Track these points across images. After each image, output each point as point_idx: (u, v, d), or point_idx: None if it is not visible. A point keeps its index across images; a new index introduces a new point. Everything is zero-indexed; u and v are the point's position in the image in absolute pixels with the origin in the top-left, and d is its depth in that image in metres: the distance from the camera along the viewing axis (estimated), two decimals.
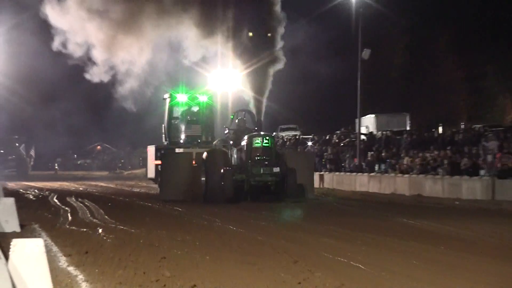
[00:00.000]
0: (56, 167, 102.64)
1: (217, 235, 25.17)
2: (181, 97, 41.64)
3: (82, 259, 19.50)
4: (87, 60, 51.04)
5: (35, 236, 15.09)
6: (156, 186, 48.09)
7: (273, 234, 24.65)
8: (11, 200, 27.41)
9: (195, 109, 41.21)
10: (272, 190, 32.88)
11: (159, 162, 38.89)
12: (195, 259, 19.27)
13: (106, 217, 32.41)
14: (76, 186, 59.64)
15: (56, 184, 62.11)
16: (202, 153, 36.41)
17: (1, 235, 18.00)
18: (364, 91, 64.64)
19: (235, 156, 34.19)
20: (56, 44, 50.55)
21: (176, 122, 39.31)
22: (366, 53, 50.16)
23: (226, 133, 35.96)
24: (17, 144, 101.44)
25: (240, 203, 31.26)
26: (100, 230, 27.10)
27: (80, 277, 16.82)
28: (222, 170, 32.54)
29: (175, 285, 15.49)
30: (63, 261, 18.90)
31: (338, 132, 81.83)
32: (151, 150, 42.89)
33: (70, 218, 32.74)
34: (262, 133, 35.48)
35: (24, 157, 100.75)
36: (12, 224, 25.34)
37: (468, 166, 46.62)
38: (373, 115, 74.92)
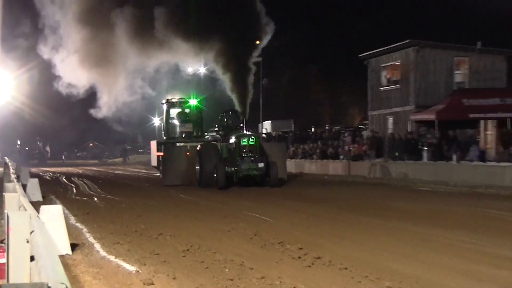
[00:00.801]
0: (63, 158, 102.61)
1: (177, 203, 25.33)
2: (175, 101, 38.31)
3: (85, 218, 19.69)
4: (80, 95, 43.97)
5: (52, 204, 15.25)
6: (146, 170, 48.02)
7: (214, 201, 24.77)
8: (35, 180, 28.23)
9: (187, 110, 37.55)
10: (257, 181, 30.54)
11: (160, 153, 35.43)
12: (161, 217, 19.46)
13: (99, 190, 32.34)
14: (77, 170, 59.07)
15: (63, 169, 61.40)
16: (195, 146, 33.12)
17: (33, 203, 18.10)
18: (264, 105, 64.63)
19: (224, 149, 31.47)
20: (58, 85, 43.52)
21: (172, 121, 36.20)
22: (265, 81, 49.25)
23: (216, 130, 33.10)
24: (38, 143, 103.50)
25: (229, 189, 29.17)
26: (95, 199, 27.22)
27: (84, 230, 17.07)
28: (215, 163, 29.98)
29: (147, 234, 15.69)
30: (72, 219, 19.04)
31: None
32: (153, 144, 39.08)
33: (74, 191, 32.66)
34: (248, 133, 32.25)
35: (43, 151, 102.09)
36: (36, 196, 26.15)
37: (332, 153, 47.01)
38: (270, 121, 74.40)
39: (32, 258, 8.01)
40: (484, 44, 45.83)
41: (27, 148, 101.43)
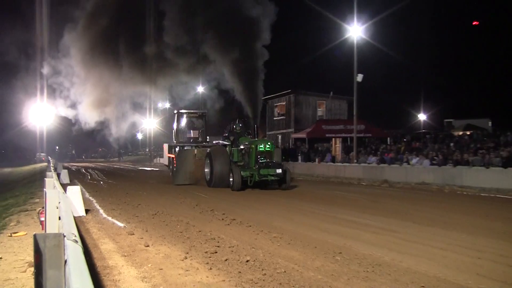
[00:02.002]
0: (83, 157, 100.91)
1: (151, 186, 25.16)
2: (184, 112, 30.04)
3: (95, 194, 19.46)
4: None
5: (75, 185, 15.01)
6: (164, 169, 37.81)
7: (175, 186, 24.59)
8: (66, 171, 28.23)
9: (194, 119, 30.59)
10: (269, 184, 22.55)
11: (172, 155, 29.24)
12: (140, 194, 19.29)
13: (104, 177, 31.95)
14: (92, 165, 57.90)
15: (83, 165, 60.26)
16: (203, 149, 25.87)
17: (62, 185, 17.84)
18: None
19: (235, 154, 23.45)
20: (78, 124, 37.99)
21: (181, 128, 29.72)
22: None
23: (225, 135, 25.26)
24: (70, 147, 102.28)
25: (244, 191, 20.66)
26: (102, 182, 26.86)
27: (94, 201, 16.87)
28: (231, 167, 22.31)
29: (131, 204, 15.62)
30: (87, 195, 18.73)
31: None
32: (165, 146, 32.37)
33: (89, 177, 32.10)
34: (265, 139, 24.92)
35: (72, 153, 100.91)
36: (66, 180, 25.56)
37: None
38: None
39: (59, 218, 8.11)
40: (334, 93, 47.21)
41: (62, 151, 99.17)
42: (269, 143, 21.87)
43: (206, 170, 23.74)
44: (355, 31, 31.95)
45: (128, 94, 35.94)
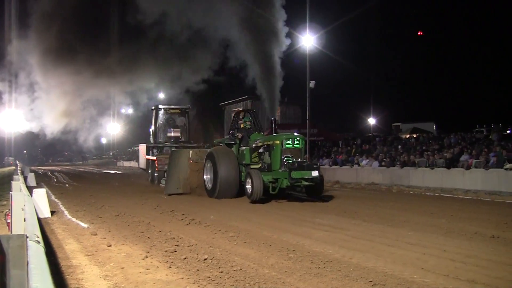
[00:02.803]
0: (50, 161, 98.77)
1: (114, 188, 24.91)
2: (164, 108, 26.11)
3: (60, 196, 19.24)
4: None
5: (41, 188, 14.77)
6: (126, 172, 37.19)
7: (137, 187, 24.46)
8: (32, 174, 27.78)
9: (175, 116, 26.27)
10: (298, 191, 16.93)
11: (151, 157, 25.07)
12: (104, 196, 19.12)
13: (69, 180, 31.54)
14: (58, 168, 56.96)
15: (50, 168, 59.33)
16: (200, 151, 20.25)
17: (29, 188, 17.57)
18: None
19: (247, 154, 17.76)
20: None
21: (160, 126, 25.71)
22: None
23: (230, 132, 19.84)
24: (39, 151, 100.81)
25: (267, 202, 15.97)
26: (67, 185, 26.56)
27: (59, 203, 16.71)
28: (249, 171, 16.77)
29: (95, 205, 15.52)
30: (53, 197, 18.57)
31: None
32: (142, 147, 27.50)
33: (55, 180, 31.76)
34: (295, 134, 17.52)
35: (39, 157, 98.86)
36: (32, 183, 24.76)
37: None
38: None
39: (25, 220, 8.09)
40: (289, 99, 47.43)
41: (30, 155, 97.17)
42: (298, 138, 16.41)
43: (206, 176, 18.45)
44: (308, 40, 32.30)
45: (91, 99, 34.94)
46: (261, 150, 17.31)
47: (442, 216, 12.37)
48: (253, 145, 17.71)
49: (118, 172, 45.86)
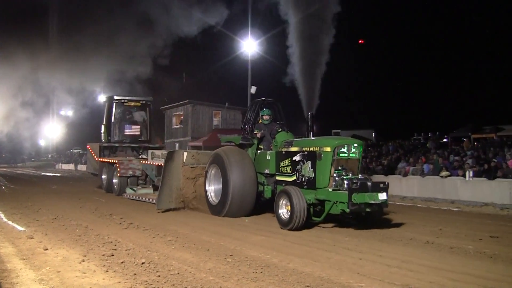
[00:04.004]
0: None
1: (53, 191, 24.02)
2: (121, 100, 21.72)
3: None
4: None
5: None
6: (65, 175, 33.99)
7: (75, 191, 23.69)
8: None
9: (134, 110, 21.79)
10: (349, 219, 11.61)
11: (105, 159, 21.03)
12: (41, 199, 18.42)
13: (6, 182, 30.15)
14: None
15: None
16: (197, 152, 15.40)
17: None
18: None
19: (272, 160, 12.73)
20: None
21: (115, 122, 21.42)
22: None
23: (245, 128, 14.06)
24: None
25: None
26: (3, 187, 25.38)
27: None
28: (288, 189, 11.07)
29: (32, 208, 14.91)
30: None
31: None
32: (93, 147, 22.54)
33: None
34: (350, 138, 12.16)
35: None
36: None
37: None
38: None
39: None
40: (230, 104, 47.73)
41: None
42: (355, 145, 11.40)
43: (208, 187, 13.86)
44: (249, 46, 32.46)
45: (28, 101, 33.38)
46: (297, 158, 11.96)
47: (378, 222, 12.16)
48: (283, 150, 12.62)
49: (56, 175, 44.44)
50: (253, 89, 32.38)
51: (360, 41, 57.41)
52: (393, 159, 23.55)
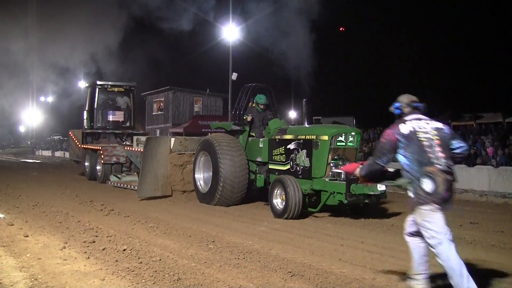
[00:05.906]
0: None
1: (32, 178, 23.65)
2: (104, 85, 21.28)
3: None
4: None
5: None
6: (44, 161, 32.98)
7: (55, 177, 23.45)
8: None
9: (117, 96, 21.38)
10: (346, 210, 11.17)
11: (88, 146, 20.61)
12: (21, 186, 18.15)
13: None
14: None
15: None
16: (185, 139, 15.05)
17: None
18: None
19: (265, 147, 12.28)
20: None
21: (97, 108, 21.01)
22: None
23: (236, 113, 13.23)
24: None
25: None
26: None
27: None
28: (283, 178, 10.73)
29: (12, 195, 14.69)
30: None
31: None
32: (74, 134, 22.51)
33: None
34: (347, 127, 12.18)
35: None
36: None
37: None
38: None
39: None
40: (211, 90, 47.72)
41: None
42: (353, 133, 11.17)
43: (197, 175, 13.57)
44: (230, 32, 32.32)
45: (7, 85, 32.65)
46: (291, 147, 11.52)
47: (359, 209, 11.65)
48: (276, 137, 12.15)
49: (36, 161, 43.92)
50: (234, 76, 32.28)
51: (341, 29, 57.57)
52: (373, 146, 23.63)
